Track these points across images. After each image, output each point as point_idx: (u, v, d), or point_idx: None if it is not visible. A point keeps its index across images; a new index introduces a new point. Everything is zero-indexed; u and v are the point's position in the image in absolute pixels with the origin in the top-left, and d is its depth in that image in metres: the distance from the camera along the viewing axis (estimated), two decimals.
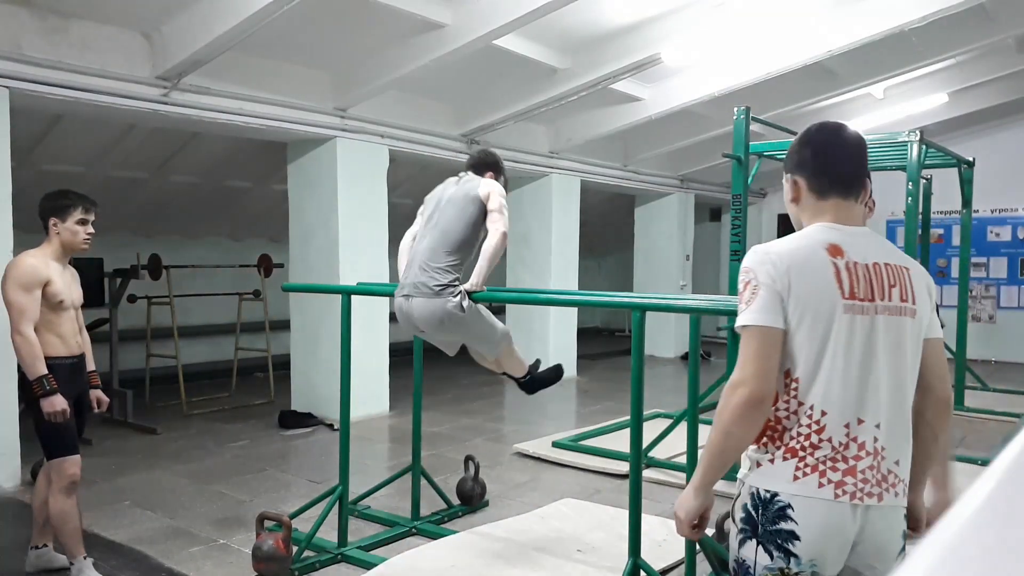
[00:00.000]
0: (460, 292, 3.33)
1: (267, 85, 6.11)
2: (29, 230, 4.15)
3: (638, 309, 2.91)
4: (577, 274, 9.81)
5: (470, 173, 3.66)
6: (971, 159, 7.45)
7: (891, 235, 10.79)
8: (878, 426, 1.64)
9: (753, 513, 1.67)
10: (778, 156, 6.15)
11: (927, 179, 7.64)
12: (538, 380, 3.92)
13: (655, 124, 8.61)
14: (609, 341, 13.43)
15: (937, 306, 1.85)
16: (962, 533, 0.47)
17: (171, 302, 7.22)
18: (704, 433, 3.40)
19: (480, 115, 7.65)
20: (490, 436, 6.40)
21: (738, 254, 5.35)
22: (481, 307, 3.46)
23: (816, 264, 1.65)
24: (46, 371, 3.22)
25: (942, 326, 1.85)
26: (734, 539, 1.73)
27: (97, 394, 3.62)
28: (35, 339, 3.23)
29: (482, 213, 3.44)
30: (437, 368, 8.47)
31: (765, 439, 1.68)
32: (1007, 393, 8.24)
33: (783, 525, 1.62)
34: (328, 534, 3.85)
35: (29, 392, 3.24)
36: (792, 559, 1.62)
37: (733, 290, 5.38)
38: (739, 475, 1.75)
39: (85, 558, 3.41)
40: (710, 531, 1.86)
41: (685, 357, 10.73)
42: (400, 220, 7.69)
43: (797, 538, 1.61)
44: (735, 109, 5.46)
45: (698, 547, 3.22)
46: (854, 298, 1.64)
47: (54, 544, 3.59)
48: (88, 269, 5.73)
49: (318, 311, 6.90)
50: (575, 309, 9.84)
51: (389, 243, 7.16)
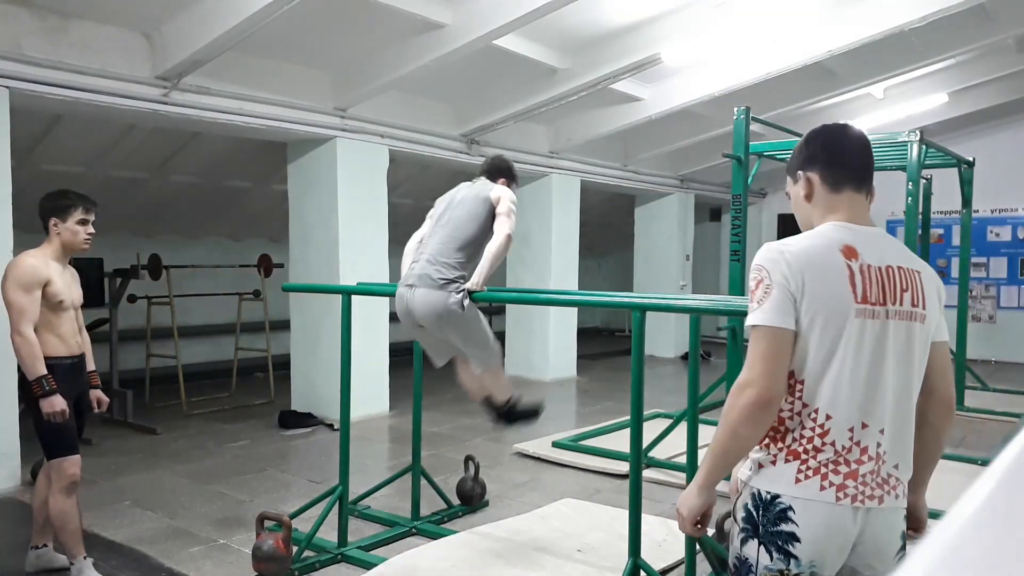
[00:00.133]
0: (463, 290, 3.41)
1: (267, 85, 6.11)
2: (29, 230, 4.15)
3: (638, 309, 2.91)
4: (577, 274, 9.81)
5: (483, 178, 3.78)
6: (971, 159, 7.45)
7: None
8: (882, 431, 1.64)
9: (754, 513, 1.67)
10: (778, 156, 6.15)
11: (927, 179, 7.64)
12: (518, 412, 3.89)
13: (655, 124, 8.60)
14: (609, 341, 13.43)
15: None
16: (962, 533, 0.47)
17: (171, 302, 7.22)
18: (704, 433, 3.42)
19: (480, 115, 7.65)
20: (490, 436, 6.40)
21: (738, 254, 5.35)
22: (480, 313, 3.53)
23: (831, 266, 1.63)
24: (46, 371, 3.22)
25: None
26: (735, 537, 1.73)
27: (97, 394, 3.62)
28: (35, 339, 3.23)
29: (491, 215, 3.55)
30: (437, 368, 8.45)
31: (767, 440, 1.68)
32: (1007, 393, 8.24)
33: (784, 527, 1.62)
34: (328, 534, 3.85)
35: (29, 392, 3.24)
36: (792, 560, 1.62)
37: (733, 290, 5.38)
38: (740, 475, 1.74)
39: (85, 558, 3.41)
40: (710, 530, 1.85)
41: (685, 357, 10.73)
42: (400, 220, 7.73)
43: (798, 540, 1.61)
44: (735, 109, 5.47)
45: (698, 547, 3.22)
46: (867, 302, 1.62)
47: (54, 544, 3.59)
48: (88, 269, 5.73)
49: (318, 311, 6.90)
50: (575, 309, 9.84)
51: (389, 243, 7.17)
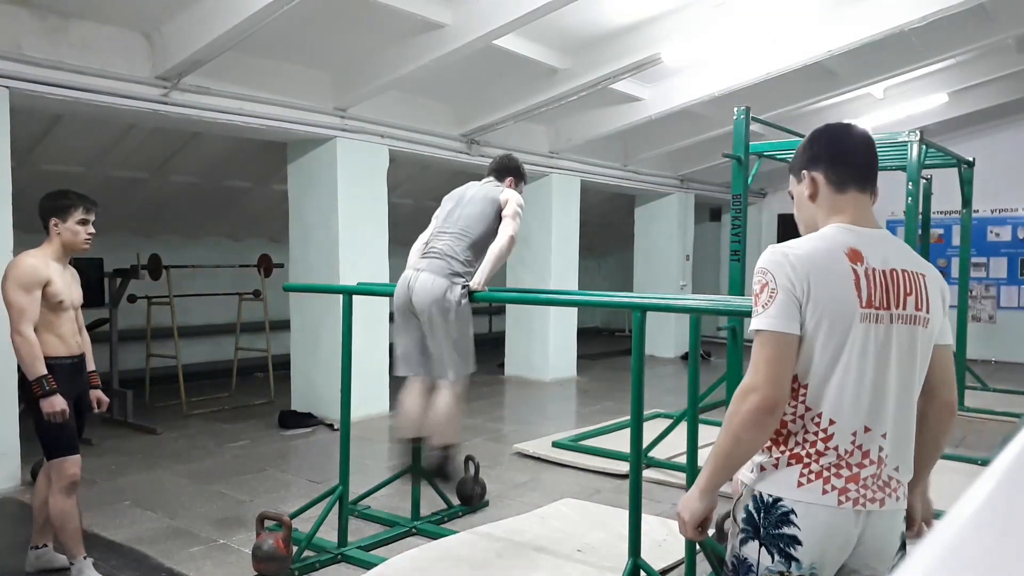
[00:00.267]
0: (465, 287, 3.49)
1: (267, 85, 6.11)
2: (29, 230, 4.15)
3: (638, 309, 2.91)
4: (577, 274, 9.81)
5: (492, 178, 3.81)
6: (971, 159, 7.44)
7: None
8: (884, 435, 1.64)
9: (755, 515, 1.67)
10: (778, 156, 6.14)
11: (927, 179, 7.63)
12: (446, 468, 3.86)
13: (655, 124, 8.60)
14: (609, 341, 13.42)
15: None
16: (962, 533, 0.47)
17: (171, 302, 7.22)
18: (704, 433, 3.42)
19: (480, 115, 7.65)
20: (490, 436, 6.40)
21: (738, 254, 5.34)
22: (472, 319, 3.60)
23: (837, 270, 1.61)
24: (46, 371, 3.22)
25: None
26: (734, 537, 1.73)
27: (97, 394, 3.62)
28: (35, 339, 3.23)
29: (498, 217, 3.60)
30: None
31: (769, 443, 1.67)
32: (1007, 393, 8.24)
33: (785, 530, 1.62)
34: (328, 534, 3.85)
35: (29, 392, 3.24)
36: (793, 563, 1.62)
37: (733, 290, 5.38)
38: (741, 477, 1.74)
39: (85, 558, 3.41)
40: (710, 531, 1.85)
41: (685, 357, 10.73)
42: (400, 220, 7.73)
43: (799, 543, 1.61)
44: (735, 109, 5.46)
45: (698, 547, 3.22)
46: (871, 306, 1.61)
47: (54, 544, 3.59)
48: (88, 269, 5.72)
49: (318, 311, 6.90)
50: (575, 309, 9.84)
51: (389, 243, 7.17)
